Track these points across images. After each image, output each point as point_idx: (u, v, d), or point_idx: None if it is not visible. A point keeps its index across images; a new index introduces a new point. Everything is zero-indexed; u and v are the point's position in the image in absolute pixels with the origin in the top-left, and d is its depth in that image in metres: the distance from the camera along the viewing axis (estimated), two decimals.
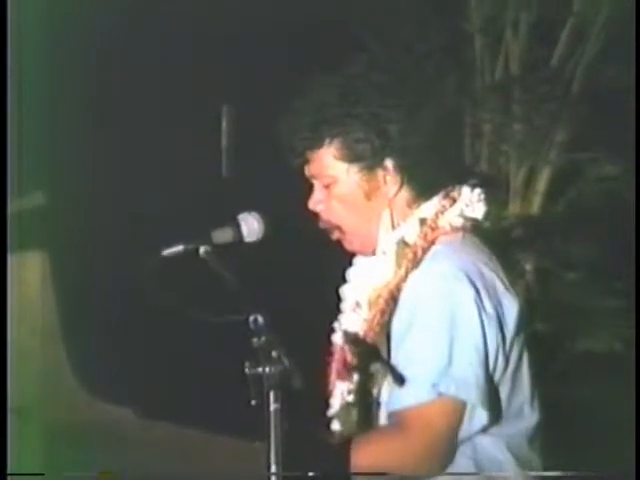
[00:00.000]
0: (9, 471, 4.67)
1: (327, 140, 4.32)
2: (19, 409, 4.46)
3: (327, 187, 4.32)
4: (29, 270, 4.54)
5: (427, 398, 4.27)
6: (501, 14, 6.75)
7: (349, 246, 4.39)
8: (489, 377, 4.28)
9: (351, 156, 4.34)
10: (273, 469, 3.95)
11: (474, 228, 4.38)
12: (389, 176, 4.31)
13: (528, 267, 6.61)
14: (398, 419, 4.28)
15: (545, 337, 6.43)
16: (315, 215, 4.38)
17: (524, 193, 6.84)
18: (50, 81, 6.55)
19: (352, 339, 4.36)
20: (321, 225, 4.39)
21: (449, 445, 4.31)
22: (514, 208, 6.80)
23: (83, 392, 4.46)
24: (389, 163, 4.29)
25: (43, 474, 4.57)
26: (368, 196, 4.36)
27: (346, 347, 4.44)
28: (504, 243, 6.48)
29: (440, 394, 4.21)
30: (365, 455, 4.31)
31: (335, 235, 4.37)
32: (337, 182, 4.34)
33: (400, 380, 4.30)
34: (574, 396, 6.20)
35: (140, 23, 7.45)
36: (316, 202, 4.36)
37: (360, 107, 4.32)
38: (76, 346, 4.53)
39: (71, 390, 4.46)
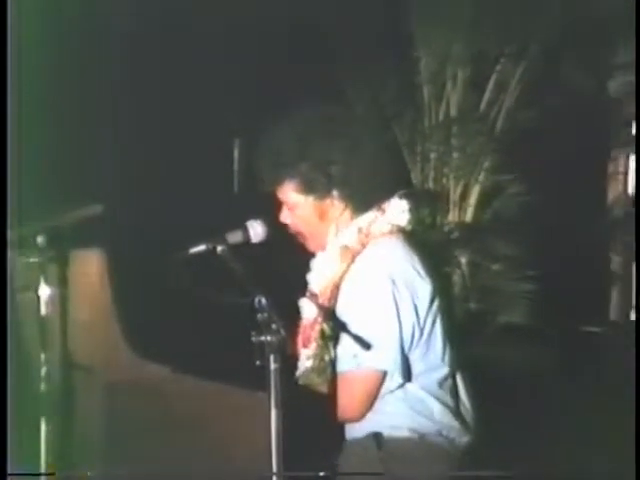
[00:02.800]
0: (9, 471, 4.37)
1: (287, 178, 4.40)
2: (85, 368, 4.40)
3: (291, 209, 4.42)
4: (89, 264, 4.48)
5: (349, 367, 4.39)
6: (443, 70, 6.67)
7: (309, 247, 4.50)
8: (403, 347, 4.37)
9: (306, 190, 4.41)
10: (274, 462, 3.92)
11: (400, 232, 4.45)
12: (335, 201, 4.41)
13: (463, 260, 6.60)
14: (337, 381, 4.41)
15: (476, 313, 6.48)
16: (286, 225, 4.45)
17: (460, 204, 6.81)
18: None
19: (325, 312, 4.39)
20: (290, 231, 4.47)
21: (364, 403, 4.43)
22: (453, 216, 6.76)
23: (132, 354, 4.48)
24: (335, 193, 4.38)
25: (42, 474, 4.32)
26: (321, 217, 4.45)
27: (307, 323, 4.54)
28: (446, 242, 6.52)
29: (359, 365, 4.30)
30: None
31: (300, 238, 4.47)
32: (297, 207, 4.47)
33: (367, 346, 4.37)
34: (497, 357, 6.11)
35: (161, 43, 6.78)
36: (284, 218, 4.44)
37: (311, 151, 4.39)
38: (127, 321, 4.54)
39: (123, 353, 4.48)
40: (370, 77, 6.61)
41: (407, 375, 4.37)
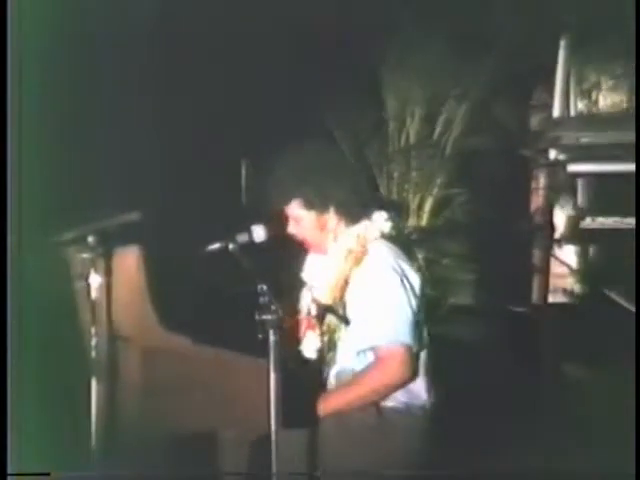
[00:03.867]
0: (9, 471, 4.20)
1: (293, 198, 4.47)
2: (125, 338, 4.39)
3: (296, 222, 4.49)
4: (128, 259, 4.45)
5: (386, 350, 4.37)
6: (404, 109, 6.62)
7: (310, 250, 4.59)
8: (414, 320, 4.39)
9: (308, 207, 4.47)
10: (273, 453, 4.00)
11: (385, 236, 4.49)
12: (332, 215, 4.49)
13: (420, 257, 6.52)
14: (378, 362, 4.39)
15: (432, 298, 6.38)
16: (292, 234, 4.51)
17: (418, 213, 6.78)
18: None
19: (322, 307, 4.50)
20: (295, 238, 4.53)
21: (407, 371, 4.44)
22: (412, 222, 6.73)
23: (161, 328, 4.51)
24: (331, 210, 4.46)
25: (43, 474, 4.23)
26: (321, 228, 4.51)
27: (314, 310, 4.55)
28: (408, 243, 6.48)
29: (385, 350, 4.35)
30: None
31: (303, 244, 4.56)
32: (302, 220, 4.53)
33: (346, 322, 4.45)
34: (447, 332, 5.99)
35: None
36: (291, 229, 4.51)
37: (310, 178, 4.45)
38: (157, 302, 4.55)
39: (154, 327, 4.50)
40: (347, 115, 6.57)
41: (418, 340, 4.41)
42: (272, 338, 4.09)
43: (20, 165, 4.95)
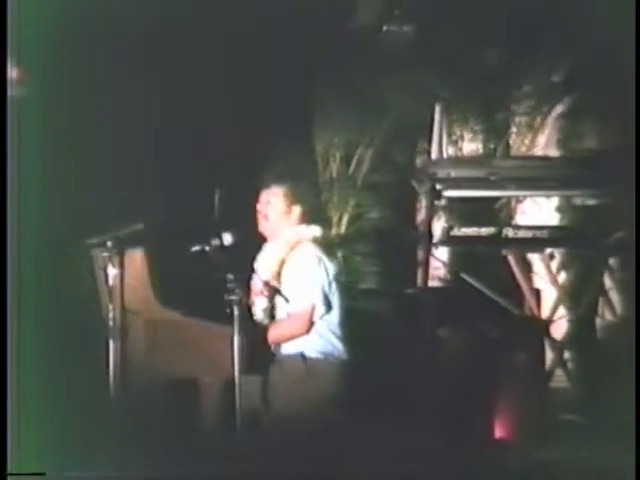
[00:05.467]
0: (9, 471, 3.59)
1: (273, 185, 4.56)
2: (132, 312, 4.38)
3: (264, 218, 4.56)
4: (135, 257, 4.54)
5: (296, 309, 4.46)
6: (328, 152, 6.51)
7: (267, 240, 4.60)
8: (325, 291, 4.47)
9: (284, 195, 4.56)
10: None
11: (314, 238, 4.57)
12: (293, 215, 4.57)
13: (340, 255, 6.27)
14: (286, 317, 4.47)
15: (347, 283, 6.00)
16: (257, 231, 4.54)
17: (338, 224, 6.62)
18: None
19: (271, 287, 4.54)
20: (262, 233, 4.58)
21: (305, 323, 4.48)
22: (334, 230, 6.55)
23: (159, 304, 4.54)
24: (298, 206, 4.54)
25: (43, 474, 3.70)
26: (285, 213, 4.57)
27: (262, 284, 4.55)
28: (331, 245, 6.26)
29: (300, 309, 4.43)
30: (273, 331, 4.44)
31: (265, 238, 4.60)
32: (268, 219, 4.56)
33: (286, 300, 4.50)
34: (358, 307, 5.66)
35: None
36: (260, 226, 4.59)
37: (290, 176, 4.63)
38: (156, 286, 4.56)
39: (154, 303, 4.53)
40: (286, 157, 6.18)
41: (328, 307, 4.47)
42: (236, 312, 4.20)
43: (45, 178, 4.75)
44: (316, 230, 4.62)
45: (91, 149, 5.55)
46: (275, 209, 4.58)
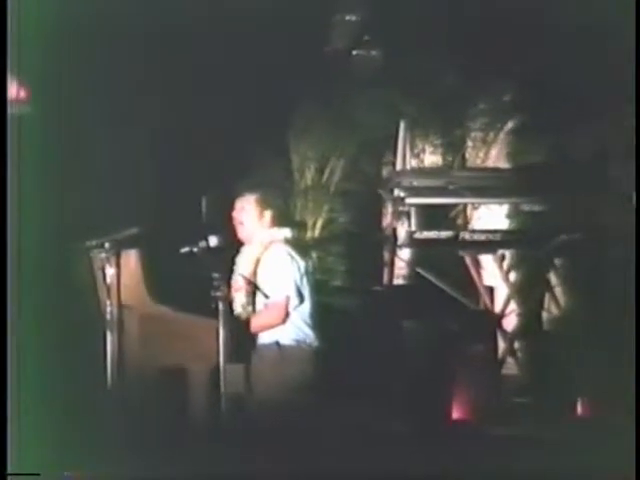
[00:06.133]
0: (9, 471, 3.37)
1: (244, 209, 4.51)
2: (128, 307, 4.35)
3: (240, 224, 4.52)
4: (130, 257, 4.50)
5: (271, 301, 4.46)
6: (303, 164, 6.48)
7: (245, 244, 4.56)
8: (297, 285, 4.44)
9: (254, 214, 4.53)
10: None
11: (287, 240, 4.56)
12: (266, 220, 4.53)
13: (314, 255, 6.36)
14: (264, 309, 4.45)
15: (321, 280, 6.10)
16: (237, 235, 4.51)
17: (313, 228, 6.60)
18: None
19: (251, 284, 4.53)
20: (240, 238, 4.54)
21: (281, 313, 4.45)
22: (309, 234, 6.55)
23: (152, 300, 4.51)
24: (269, 211, 4.50)
25: (41, 474, 3.52)
26: (258, 218, 4.52)
27: (242, 281, 4.54)
28: (306, 246, 6.18)
29: (276, 300, 4.43)
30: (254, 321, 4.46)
31: (243, 242, 4.55)
32: (243, 225, 4.51)
33: (266, 296, 4.50)
34: (331, 302, 5.87)
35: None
36: (239, 233, 4.54)
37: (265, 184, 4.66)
38: (149, 284, 4.52)
39: (147, 300, 4.52)
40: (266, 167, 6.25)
41: (300, 299, 4.46)
42: (220, 307, 4.19)
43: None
44: (287, 232, 4.62)
45: (90, 160, 5.53)
46: (249, 215, 4.58)
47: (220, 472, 4.00)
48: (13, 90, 4.86)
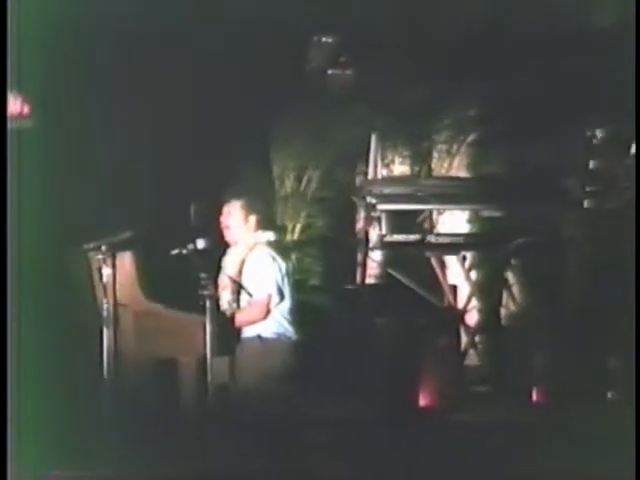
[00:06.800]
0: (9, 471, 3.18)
1: (231, 214, 4.47)
2: (123, 304, 4.33)
3: (226, 228, 4.49)
4: (125, 259, 4.51)
5: (255, 297, 4.44)
6: (283, 173, 6.45)
7: (231, 246, 4.54)
8: (278, 284, 4.42)
9: (239, 220, 4.51)
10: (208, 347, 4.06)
11: (269, 243, 4.54)
12: (251, 225, 4.50)
13: (293, 256, 6.22)
14: (247, 306, 4.43)
15: (300, 280, 5.98)
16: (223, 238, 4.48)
17: (292, 231, 6.58)
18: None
19: (236, 283, 4.50)
20: (227, 240, 4.53)
21: (263, 310, 4.43)
22: (289, 237, 6.52)
23: (145, 298, 4.51)
24: (254, 216, 4.48)
25: (41, 474, 3.42)
26: (243, 221, 4.49)
27: (228, 280, 4.51)
28: (286, 248, 6.03)
29: (258, 298, 4.41)
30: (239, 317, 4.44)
31: (229, 244, 4.52)
32: (229, 228, 4.49)
33: (249, 294, 4.49)
34: (309, 299, 5.84)
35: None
36: (226, 236, 4.50)
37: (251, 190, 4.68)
38: (142, 284, 4.53)
39: (141, 297, 4.52)
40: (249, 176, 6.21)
41: (281, 297, 4.45)
42: (208, 305, 4.19)
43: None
44: (270, 235, 4.63)
45: (88, 170, 5.53)
46: (235, 219, 4.58)
47: (208, 454, 4.02)
48: (14, 106, 4.78)
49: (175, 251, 4.37)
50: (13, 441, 3.51)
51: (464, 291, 6.28)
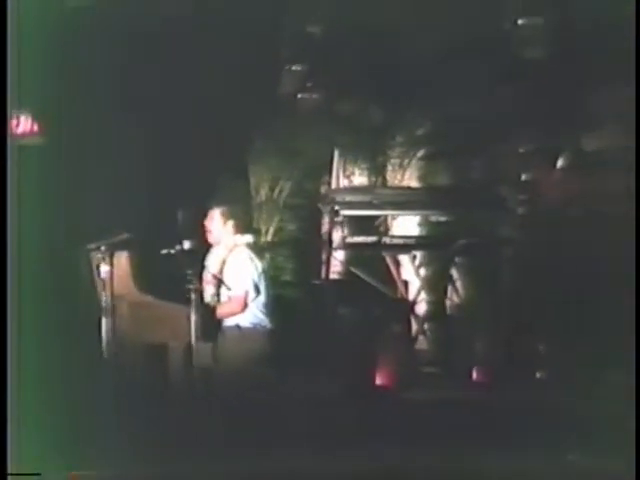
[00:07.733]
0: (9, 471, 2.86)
1: (214, 219, 4.47)
2: (119, 297, 4.36)
3: (209, 232, 4.52)
4: (122, 257, 4.56)
5: (234, 292, 4.46)
6: (259, 184, 6.40)
7: (214, 246, 4.55)
8: (255, 281, 4.47)
9: (220, 224, 4.53)
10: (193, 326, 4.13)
11: (248, 244, 4.60)
12: (231, 228, 4.52)
13: (268, 256, 6.27)
14: (227, 300, 4.45)
15: (275, 276, 6.00)
16: (207, 241, 4.50)
17: (266, 234, 6.53)
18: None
19: (217, 278, 4.54)
20: (210, 242, 4.52)
21: (240, 304, 4.47)
22: (264, 239, 6.46)
23: (139, 291, 4.56)
24: (232, 221, 4.50)
25: (40, 474, 3.05)
26: (223, 224, 4.51)
27: (210, 277, 4.54)
28: (262, 249, 6.16)
29: (237, 294, 4.45)
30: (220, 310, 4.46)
31: (212, 245, 4.53)
32: (212, 232, 4.51)
33: (229, 289, 4.51)
34: (281, 294, 5.76)
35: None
36: (209, 239, 4.50)
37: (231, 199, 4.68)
38: (137, 279, 4.58)
39: (135, 291, 4.57)
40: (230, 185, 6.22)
41: (257, 292, 4.48)
42: (193, 298, 4.24)
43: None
44: (248, 238, 4.69)
45: (89, 179, 5.52)
46: (216, 224, 4.62)
47: (195, 427, 4.07)
48: (24, 125, 4.75)
49: (165, 251, 4.44)
50: (13, 441, 3.30)
51: (414, 285, 6.35)
